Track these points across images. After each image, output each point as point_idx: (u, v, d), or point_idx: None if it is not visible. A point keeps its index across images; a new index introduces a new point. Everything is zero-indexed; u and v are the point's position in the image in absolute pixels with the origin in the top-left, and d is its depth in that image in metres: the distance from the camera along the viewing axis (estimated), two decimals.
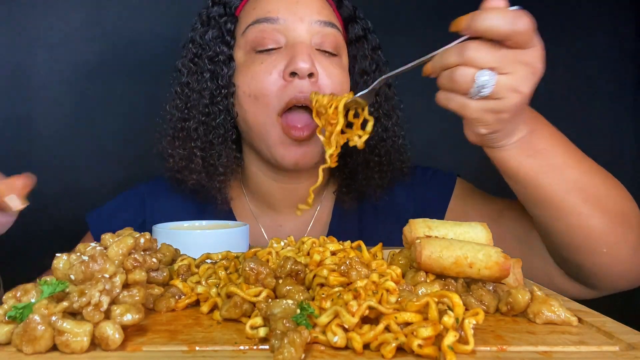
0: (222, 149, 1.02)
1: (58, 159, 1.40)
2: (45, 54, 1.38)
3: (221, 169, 1.03)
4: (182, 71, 1.04)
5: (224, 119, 1.02)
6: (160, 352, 0.46)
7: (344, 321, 0.46)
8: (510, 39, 0.64)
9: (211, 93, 1.01)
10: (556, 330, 0.52)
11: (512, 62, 0.65)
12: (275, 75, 0.95)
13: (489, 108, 0.67)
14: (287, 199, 1.09)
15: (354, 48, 1.06)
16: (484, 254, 0.57)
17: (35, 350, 0.44)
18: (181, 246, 0.71)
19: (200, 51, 1.03)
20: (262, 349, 0.46)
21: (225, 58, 1.01)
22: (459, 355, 0.44)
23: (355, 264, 0.56)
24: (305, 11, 0.97)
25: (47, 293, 0.48)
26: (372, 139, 1.02)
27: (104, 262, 0.50)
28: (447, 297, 0.47)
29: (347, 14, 1.07)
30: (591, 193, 0.77)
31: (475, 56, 0.65)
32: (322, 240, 0.68)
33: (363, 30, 1.07)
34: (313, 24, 0.97)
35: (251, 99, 0.97)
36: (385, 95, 1.08)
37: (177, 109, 1.04)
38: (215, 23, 1.03)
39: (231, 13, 1.04)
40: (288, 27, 0.96)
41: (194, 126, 1.02)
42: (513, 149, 0.75)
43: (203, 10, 1.06)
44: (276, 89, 0.95)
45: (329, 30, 0.99)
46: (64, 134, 1.40)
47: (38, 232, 1.38)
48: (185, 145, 1.03)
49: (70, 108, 1.40)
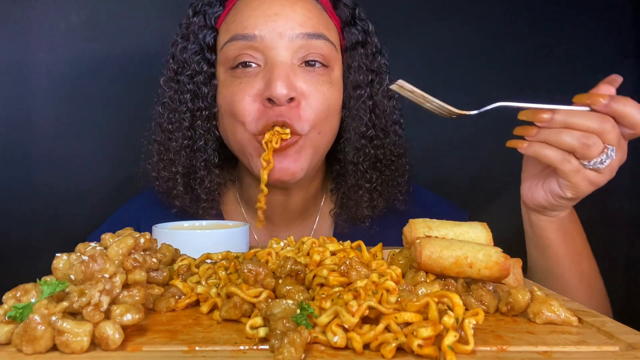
0: (205, 174, 0.98)
1: (58, 159, 1.40)
2: (45, 54, 1.38)
3: (204, 195, 0.99)
4: (164, 89, 1.00)
5: (205, 142, 0.97)
6: (160, 352, 0.46)
7: (344, 321, 0.46)
8: (636, 129, 0.72)
9: (192, 115, 0.97)
10: (556, 330, 0.52)
11: (623, 143, 0.74)
12: (252, 99, 0.89)
13: (592, 178, 0.74)
14: (282, 210, 1.05)
15: (349, 56, 0.98)
16: (484, 254, 0.57)
17: (35, 350, 0.44)
18: (181, 246, 0.71)
19: (180, 68, 0.97)
20: (262, 349, 0.46)
21: (206, 77, 0.96)
22: (459, 355, 0.44)
23: (355, 264, 0.56)
24: (286, 25, 0.88)
25: (47, 293, 0.48)
26: (364, 158, 0.98)
27: (104, 262, 0.49)
28: (447, 297, 0.47)
29: (344, 16, 0.98)
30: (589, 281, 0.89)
31: (610, 131, 0.71)
32: (322, 240, 0.68)
33: (362, 34, 0.99)
34: (295, 39, 0.89)
35: (230, 117, 0.93)
36: (383, 109, 1.00)
37: (160, 129, 1.01)
38: (194, 38, 0.96)
39: (211, 25, 0.96)
40: (266, 45, 0.88)
41: (176, 149, 0.98)
42: (557, 223, 0.84)
43: (183, 22, 0.99)
44: (254, 113, 0.89)
45: (315, 42, 0.90)
46: (64, 134, 1.40)
47: (38, 232, 1.39)
48: (169, 169, 1.00)
49: (70, 108, 1.40)
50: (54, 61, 1.39)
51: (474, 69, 1.47)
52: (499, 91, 0.82)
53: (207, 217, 1.02)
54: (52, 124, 1.40)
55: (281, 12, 0.89)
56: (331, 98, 0.93)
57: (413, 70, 1.09)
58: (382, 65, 1.01)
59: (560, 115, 0.72)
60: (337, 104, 0.96)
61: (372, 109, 0.99)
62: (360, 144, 0.98)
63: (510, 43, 1.50)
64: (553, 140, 0.73)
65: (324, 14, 0.96)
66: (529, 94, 0.85)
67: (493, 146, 0.87)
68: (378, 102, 0.99)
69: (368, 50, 0.99)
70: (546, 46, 1.50)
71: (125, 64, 1.41)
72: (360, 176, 0.99)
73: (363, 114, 0.97)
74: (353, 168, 0.99)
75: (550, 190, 0.80)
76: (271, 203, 1.03)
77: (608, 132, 0.71)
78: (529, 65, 1.49)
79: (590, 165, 0.73)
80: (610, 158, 0.72)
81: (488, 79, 1.45)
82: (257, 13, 0.90)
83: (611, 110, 0.71)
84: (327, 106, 0.92)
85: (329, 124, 0.94)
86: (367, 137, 0.99)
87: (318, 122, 0.91)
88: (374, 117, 0.99)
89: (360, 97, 0.97)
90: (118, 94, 1.41)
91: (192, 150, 0.98)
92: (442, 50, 1.47)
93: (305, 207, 1.07)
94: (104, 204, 1.38)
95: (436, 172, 1.45)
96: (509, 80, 1.43)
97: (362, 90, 0.97)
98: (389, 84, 0.98)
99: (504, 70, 1.46)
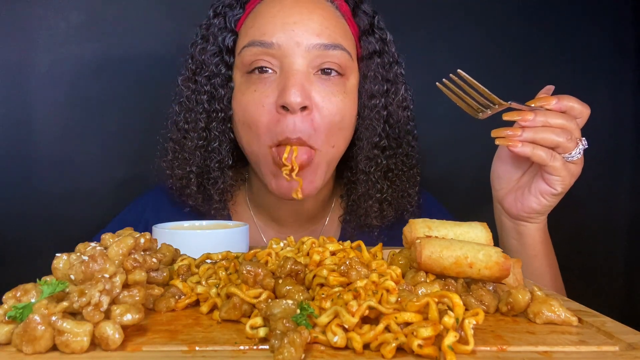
0: (219, 175, 0.99)
1: (58, 159, 1.40)
2: (45, 54, 1.38)
3: (216, 196, 1.00)
4: (181, 89, 1.00)
5: (220, 144, 0.98)
6: (160, 352, 0.46)
7: (344, 321, 0.46)
8: (582, 117, 0.82)
9: (208, 116, 0.98)
10: (556, 330, 0.52)
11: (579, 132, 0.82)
12: (267, 107, 0.89)
13: (573, 169, 0.83)
14: (292, 215, 1.06)
15: (365, 65, 0.98)
16: (484, 254, 0.57)
17: (35, 350, 0.44)
18: (181, 246, 0.71)
19: (198, 69, 0.98)
20: (262, 349, 0.46)
21: (223, 79, 0.96)
22: (459, 355, 0.44)
23: (355, 264, 0.56)
24: (304, 34, 0.89)
25: (47, 293, 0.48)
26: (375, 168, 0.99)
27: (104, 262, 0.49)
28: (447, 297, 0.47)
29: (363, 25, 0.98)
30: (553, 268, 0.96)
31: (576, 125, 0.80)
32: (322, 240, 0.68)
33: (380, 43, 0.99)
34: (311, 49, 0.89)
35: (245, 126, 0.93)
36: (397, 119, 1.01)
37: (176, 128, 1.01)
38: (214, 39, 0.97)
39: (231, 28, 0.97)
40: (283, 53, 0.89)
41: (191, 148, 0.99)
42: (542, 227, 0.91)
43: (204, 22, 1.00)
44: (267, 122, 0.90)
45: (332, 52, 0.90)
46: (64, 134, 1.40)
47: (38, 232, 1.39)
48: (183, 167, 1.00)
49: (70, 108, 1.40)
50: (54, 61, 1.39)
51: (474, 68, 1.47)
52: (500, 90, 0.82)
53: (218, 217, 1.03)
54: (52, 124, 1.40)
55: (299, 21, 0.90)
56: (345, 109, 0.93)
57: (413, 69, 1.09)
58: (398, 75, 1.01)
59: (540, 116, 0.79)
60: (352, 115, 0.96)
61: (386, 119, 1.00)
62: (372, 153, 0.99)
63: (510, 43, 1.50)
64: (540, 139, 0.79)
65: (342, 22, 0.96)
66: (529, 94, 0.86)
67: (493, 146, 0.88)
68: (392, 112, 1.00)
69: (385, 59, 0.99)
70: (545, 46, 1.50)
71: (126, 64, 1.41)
72: (371, 186, 1.00)
73: (377, 124, 0.98)
74: (364, 177, 1.00)
75: (541, 191, 0.85)
76: (282, 208, 1.05)
77: (576, 126, 0.80)
78: (529, 65, 1.49)
79: (570, 157, 0.81)
80: (584, 147, 0.81)
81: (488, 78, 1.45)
82: (275, 20, 0.90)
83: (563, 107, 0.80)
84: (340, 117, 0.92)
85: (342, 136, 0.95)
86: (379, 147, 0.99)
87: (331, 134, 0.92)
88: (388, 127, 1.00)
89: (374, 107, 0.97)
90: (118, 94, 1.41)
91: (207, 150, 0.99)
92: (442, 50, 1.47)
93: (316, 212, 1.08)
94: (104, 204, 1.38)
95: (436, 172, 1.45)
96: (509, 79, 1.43)
97: (376, 100, 0.98)
98: (404, 94, 1.01)
99: (504, 70, 1.46)
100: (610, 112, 1.50)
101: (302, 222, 1.08)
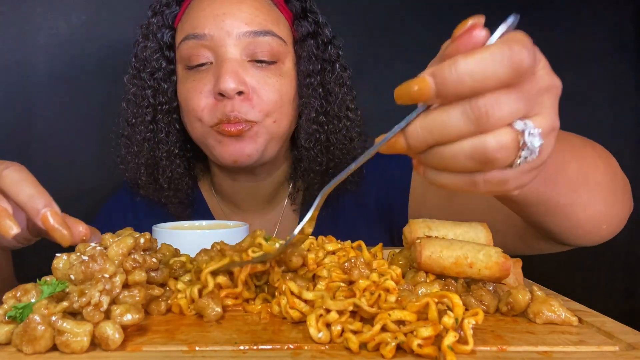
0: (167, 164, 1.04)
1: (58, 159, 1.40)
2: (45, 54, 1.38)
3: (165, 184, 1.05)
4: (128, 86, 1.06)
5: (166, 134, 1.04)
6: (160, 352, 0.46)
7: (326, 305, 0.47)
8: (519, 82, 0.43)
9: (154, 109, 1.03)
10: (556, 330, 0.52)
11: (536, 96, 0.45)
12: (205, 94, 0.95)
13: (532, 167, 0.46)
14: (250, 198, 1.11)
15: (300, 47, 1.02)
16: (484, 254, 0.57)
17: (35, 350, 0.44)
18: (181, 246, 0.71)
19: (141, 66, 1.03)
20: (262, 349, 0.46)
21: (165, 73, 1.01)
22: (458, 355, 0.44)
23: (359, 264, 0.56)
24: (233, 23, 0.93)
25: (47, 293, 0.48)
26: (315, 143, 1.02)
27: (104, 262, 0.50)
28: (447, 297, 0.47)
29: (295, 10, 1.02)
30: (592, 182, 0.67)
31: (502, 112, 0.42)
32: (321, 240, 0.68)
33: (313, 26, 1.02)
34: (242, 37, 0.93)
35: (188, 114, 0.99)
36: (336, 96, 1.04)
37: (126, 124, 1.07)
38: (153, 37, 1.02)
39: (169, 24, 1.02)
40: (216, 43, 0.93)
41: (139, 141, 1.05)
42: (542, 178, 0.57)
43: (144, 22, 1.05)
44: (207, 108, 0.95)
45: (263, 39, 0.94)
46: (63, 134, 1.40)
47: None
48: (134, 160, 1.06)
49: (70, 108, 1.40)
50: (54, 61, 1.39)
51: None
52: None
53: (170, 205, 1.08)
54: (51, 124, 1.40)
55: (229, 12, 0.94)
56: (282, 89, 0.97)
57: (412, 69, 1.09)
58: (334, 55, 1.05)
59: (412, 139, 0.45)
60: (290, 93, 1.00)
61: (324, 97, 1.03)
62: (312, 129, 1.03)
63: None
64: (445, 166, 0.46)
65: (273, 9, 1.00)
66: None
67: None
68: (331, 90, 1.04)
69: (319, 40, 1.03)
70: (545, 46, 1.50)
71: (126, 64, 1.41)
72: (312, 159, 1.04)
73: (314, 101, 1.02)
74: (306, 153, 1.04)
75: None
76: (239, 190, 1.10)
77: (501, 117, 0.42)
78: None
79: (516, 165, 0.44)
80: (537, 142, 0.43)
81: None
82: (206, 13, 0.95)
83: (450, 88, 0.43)
84: (279, 96, 0.97)
85: (283, 112, 0.99)
86: (318, 122, 1.03)
87: (271, 111, 0.96)
88: (326, 104, 1.04)
89: (310, 84, 1.01)
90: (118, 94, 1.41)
91: (155, 142, 1.05)
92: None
93: (273, 194, 1.13)
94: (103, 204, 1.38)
95: None
96: None
97: (312, 78, 1.02)
98: (340, 72, 1.05)
99: None
100: (610, 113, 1.50)
101: (262, 204, 1.13)
